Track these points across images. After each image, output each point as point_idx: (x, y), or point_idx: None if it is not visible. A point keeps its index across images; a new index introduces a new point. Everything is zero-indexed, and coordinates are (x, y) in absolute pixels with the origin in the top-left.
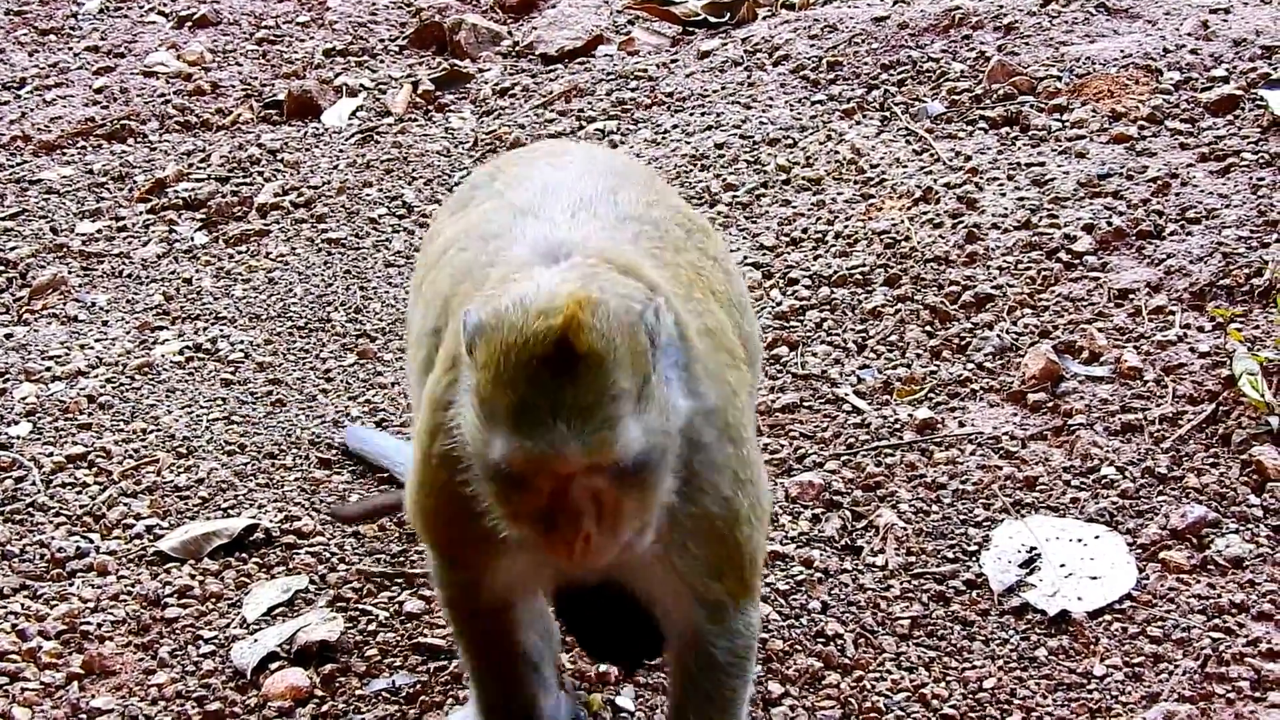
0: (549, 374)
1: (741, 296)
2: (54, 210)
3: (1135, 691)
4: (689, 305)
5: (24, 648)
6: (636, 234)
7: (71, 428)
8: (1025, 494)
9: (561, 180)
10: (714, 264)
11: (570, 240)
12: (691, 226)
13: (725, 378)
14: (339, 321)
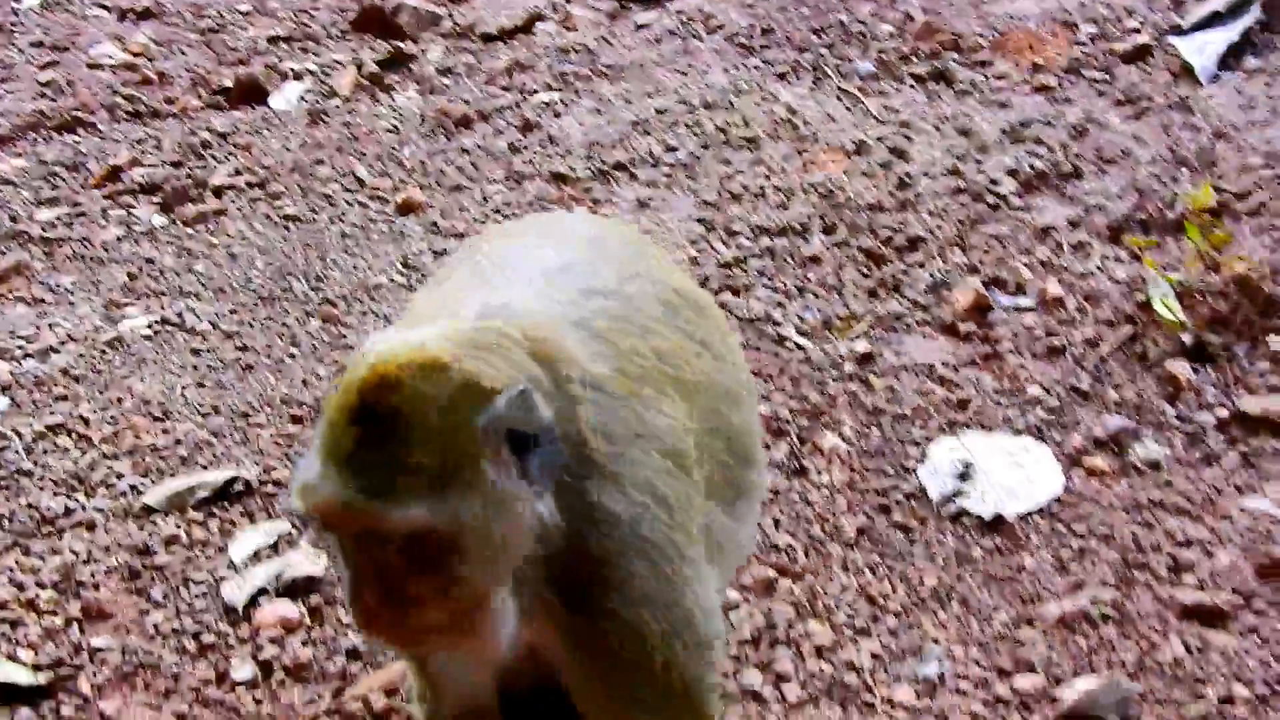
0: (348, 422)
1: (734, 386)
2: (10, 200)
3: (1063, 581)
4: (626, 402)
5: (22, 598)
6: (597, 311)
7: (48, 399)
8: (959, 414)
9: (537, 252)
10: (698, 349)
11: (505, 306)
12: (679, 305)
13: (653, 487)
14: (301, 291)
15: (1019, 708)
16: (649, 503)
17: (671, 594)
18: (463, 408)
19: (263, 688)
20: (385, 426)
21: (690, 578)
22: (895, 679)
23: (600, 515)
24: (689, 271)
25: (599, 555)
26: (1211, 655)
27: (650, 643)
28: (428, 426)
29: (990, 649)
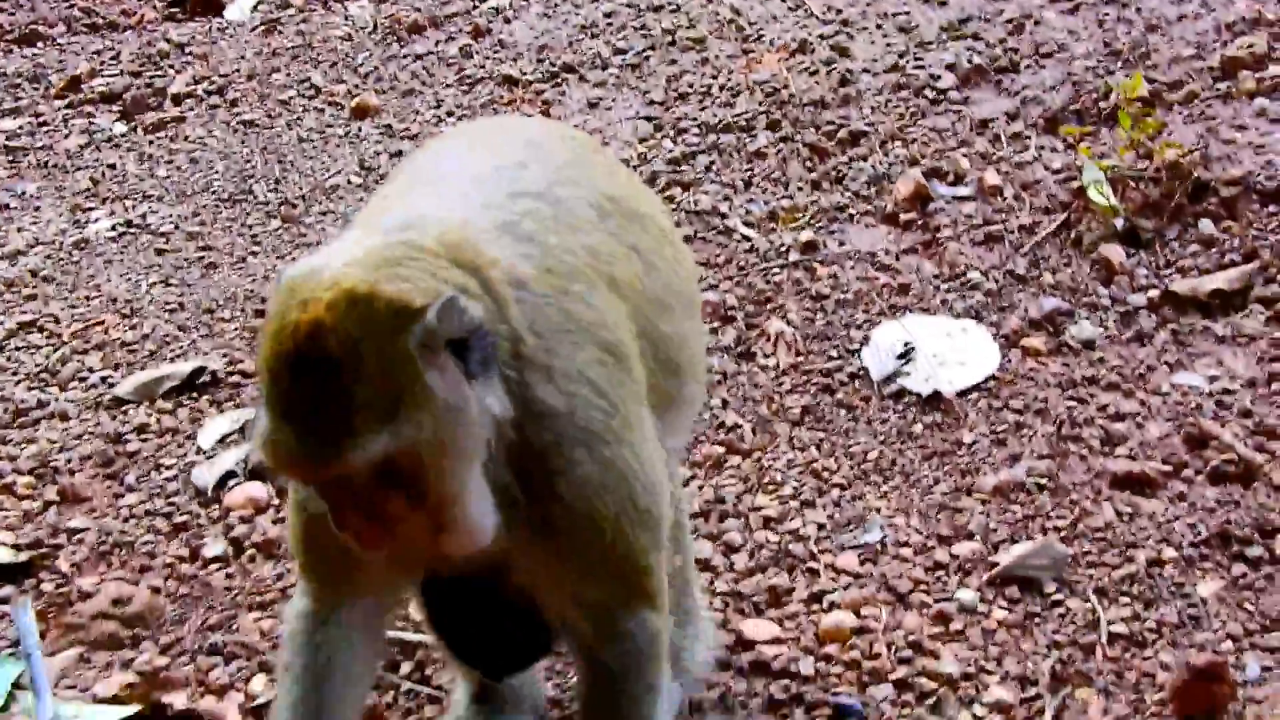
0: (288, 371)
1: (664, 295)
2: None
3: (1000, 454)
4: (554, 298)
5: (1, 484)
6: (525, 211)
7: (18, 299)
8: (900, 299)
9: (471, 156)
10: (630, 253)
11: (423, 216)
12: (612, 210)
13: (586, 376)
14: (261, 192)
15: (957, 571)
16: (583, 392)
17: (612, 476)
18: (393, 333)
19: (234, 564)
20: (323, 374)
21: (630, 458)
22: (840, 547)
23: (539, 408)
24: (638, 171)
25: (540, 447)
26: (1141, 521)
27: (597, 523)
28: (364, 362)
29: (930, 518)
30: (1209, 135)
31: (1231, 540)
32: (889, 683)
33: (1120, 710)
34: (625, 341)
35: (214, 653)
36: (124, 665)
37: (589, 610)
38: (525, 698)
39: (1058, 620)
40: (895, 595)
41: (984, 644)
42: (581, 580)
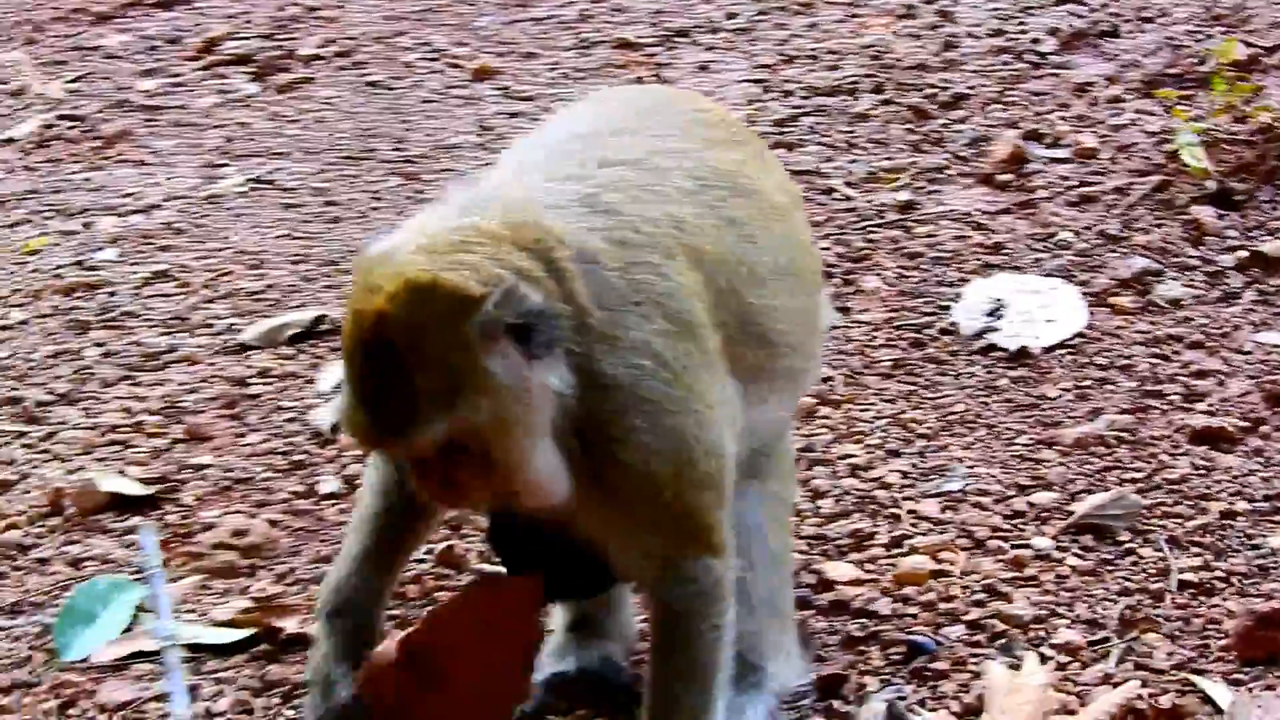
0: (359, 356)
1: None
2: (115, 72)
3: (1082, 408)
4: (624, 271)
5: (131, 422)
6: (609, 181)
7: (152, 250)
8: (992, 258)
9: (586, 123)
10: (724, 224)
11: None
12: (712, 181)
13: (652, 349)
14: (383, 151)
15: (1034, 519)
16: (647, 364)
17: (671, 443)
18: (453, 321)
19: (347, 500)
20: (388, 361)
21: (693, 425)
22: (922, 495)
23: (603, 381)
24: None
25: (603, 416)
26: (1217, 474)
27: (657, 485)
28: (424, 351)
29: (1011, 468)
30: None
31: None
32: (962, 623)
33: (1184, 654)
34: (696, 312)
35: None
36: (241, 592)
37: (653, 558)
38: (616, 630)
39: (1129, 568)
40: (973, 541)
41: (1056, 589)
42: (644, 533)
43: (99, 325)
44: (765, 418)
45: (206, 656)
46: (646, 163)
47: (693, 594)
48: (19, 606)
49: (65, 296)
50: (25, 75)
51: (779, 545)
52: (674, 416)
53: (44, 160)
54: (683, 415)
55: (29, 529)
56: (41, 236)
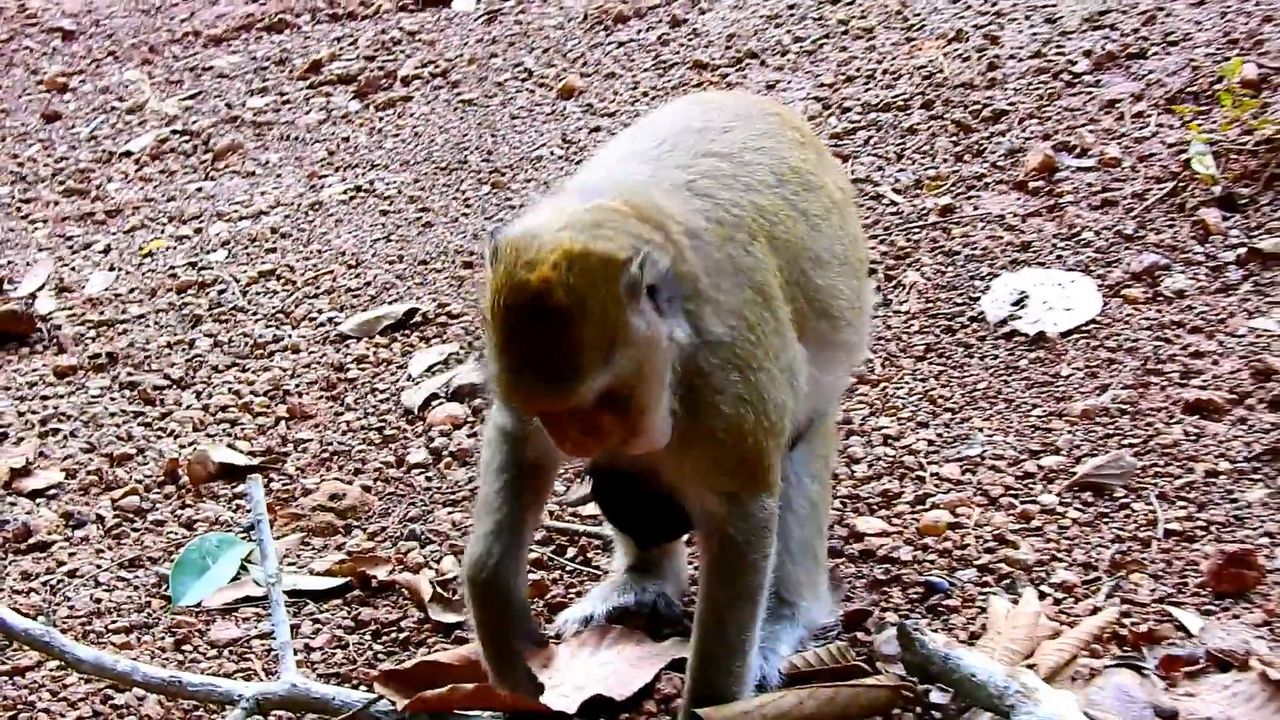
0: (523, 323)
1: (823, 252)
2: (226, 90)
3: (1091, 384)
4: (720, 245)
5: (240, 403)
6: (706, 171)
7: (260, 251)
8: (1021, 255)
9: (679, 118)
10: (798, 215)
11: (609, 182)
12: (790, 178)
13: (742, 313)
14: (474, 162)
15: (1042, 480)
16: (740, 326)
17: (756, 394)
18: (605, 283)
19: (433, 469)
20: (555, 324)
21: (768, 381)
22: (945, 460)
23: (708, 337)
24: None
25: (708, 370)
26: (1205, 440)
27: (743, 431)
28: (587, 310)
29: (1025, 436)
30: None
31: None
32: (974, 567)
33: (1165, 590)
34: (773, 285)
35: (412, 538)
36: (337, 548)
37: (723, 495)
38: (672, 572)
39: (1123, 519)
40: (988, 498)
41: (1058, 538)
42: (721, 473)
43: (210, 319)
44: (827, 381)
45: (305, 601)
46: (737, 157)
47: (751, 526)
48: (138, 561)
49: (179, 294)
50: (143, 93)
51: (818, 498)
52: (758, 373)
53: (159, 171)
54: (763, 374)
55: (146, 495)
56: (156, 240)
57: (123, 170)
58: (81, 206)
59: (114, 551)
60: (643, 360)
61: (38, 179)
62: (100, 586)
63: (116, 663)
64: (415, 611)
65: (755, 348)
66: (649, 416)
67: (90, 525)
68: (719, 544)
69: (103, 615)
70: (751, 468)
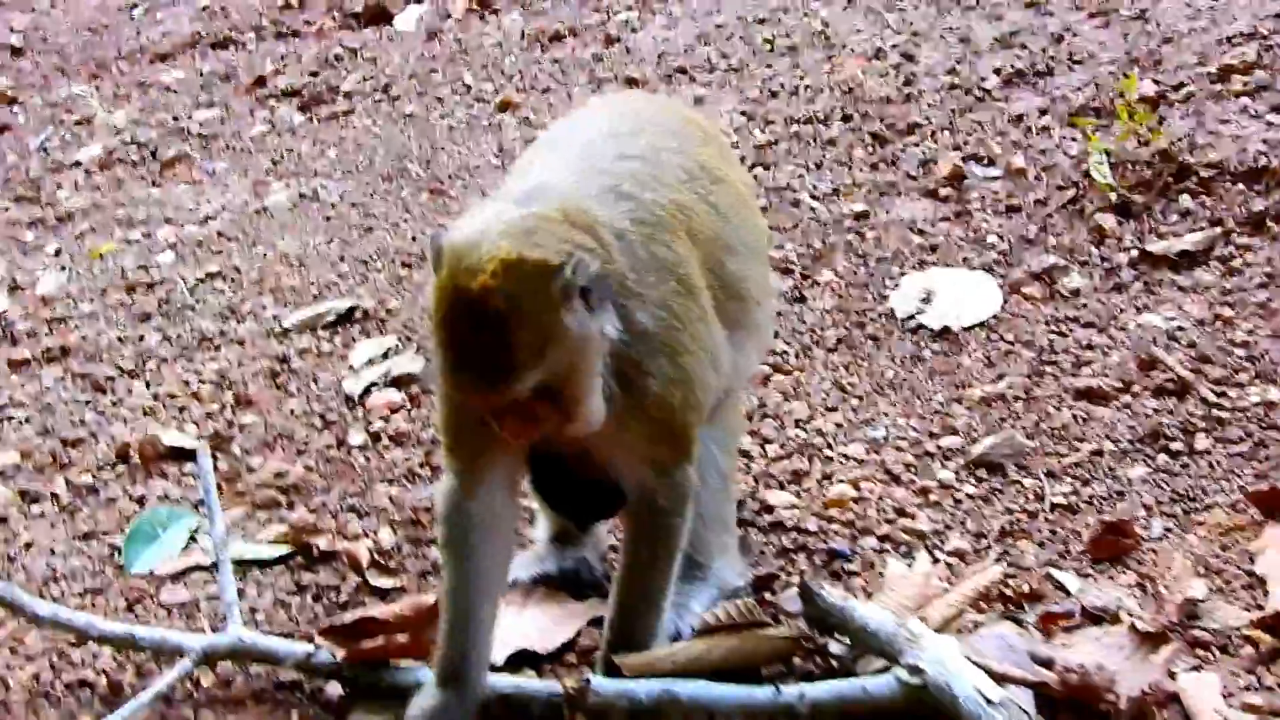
0: (464, 326)
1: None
2: (173, 104)
3: (990, 373)
4: (645, 243)
5: (189, 391)
6: (627, 173)
7: (207, 253)
8: (929, 256)
9: (591, 125)
10: (710, 209)
11: (544, 186)
12: (700, 174)
13: (668, 304)
14: (414, 171)
15: (940, 458)
16: (663, 315)
17: (684, 375)
18: (539, 287)
19: (371, 450)
20: (492, 328)
21: (694, 364)
22: (851, 441)
23: (637, 328)
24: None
25: (637, 357)
26: (1092, 424)
27: (673, 408)
28: (522, 314)
29: (926, 420)
30: (1198, 128)
31: (1160, 438)
32: (874, 536)
33: (1049, 556)
34: (695, 276)
35: (351, 511)
36: (280, 521)
37: (652, 465)
38: (592, 541)
39: (1013, 494)
40: (889, 475)
41: (953, 510)
42: (651, 445)
43: (159, 315)
44: (740, 360)
45: (251, 568)
46: (652, 159)
47: (675, 494)
48: (92, 534)
49: (129, 293)
50: (91, 107)
51: (727, 469)
52: (684, 357)
53: (108, 180)
54: (689, 357)
55: (99, 475)
56: (107, 244)
57: (73, 179)
58: (33, 213)
59: (69, 525)
60: (575, 356)
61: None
62: (56, 556)
63: (73, 618)
64: (354, 577)
65: (681, 334)
66: (581, 405)
67: (45, 502)
68: (646, 509)
69: (59, 581)
70: (678, 440)
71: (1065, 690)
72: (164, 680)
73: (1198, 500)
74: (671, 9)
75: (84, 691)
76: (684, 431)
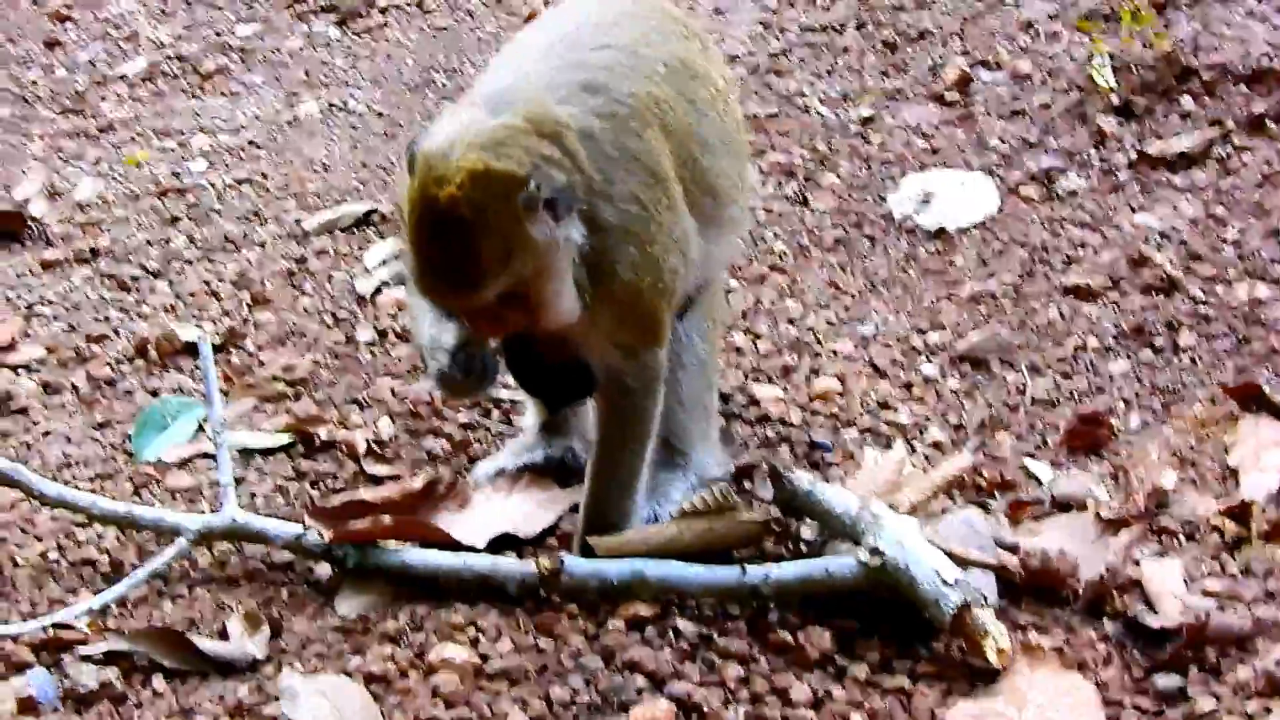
0: (433, 234)
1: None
2: (216, 20)
3: (981, 272)
4: (614, 139)
5: (208, 289)
6: (604, 63)
7: (236, 160)
8: (930, 159)
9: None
10: (687, 105)
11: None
12: (679, 69)
13: (636, 195)
14: (439, 81)
15: (925, 353)
16: (632, 209)
17: (651, 262)
18: (505, 198)
19: (378, 346)
20: (459, 236)
21: (661, 252)
22: (840, 337)
23: (603, 224)
24: (745, 60)
25: (603, 249)
26: (1078, 320)
27: (641, 293)
28: (488, 224)
29: (915, 316)
30: (1203, 30)
31: (1144, 333)
32: (856, 428)
33: (1025, 447)
34: (664, 167)
35: (353, 403)
36: (286, 413)
37: (623, 349)
38: (578, 430)
39: (996, 388)
40: (875, 370)
41: (934, 404)
42: (621, 330)
43: (187, 219)
44: (714, 251)
45: (253, 455)
46: (630, 49)
47: (645, 376)
48: (106, 424)
49: (160, 198)
50: (138, 22)
51: (706, 355)
52: (652, 246)
53: (150, 94)
54: (657, 245)
55: (117, 368)
56: (143, 152)
57: (116, 92)
58: (76, 124)
59: (85, 415)
60: (540, 264)
61: (36, 99)
62: (70, 443)
63: (78, 497)
64: (351, 465)
65: (649, 224)
66: (548, 309)
67: (66, 393)
68: (616, 391)
69: (71, 466)
70: (647, 325)
71: (1026, 574)
72: (160, 559)
73: (1177, 394)
74: None
75: (86, 569)
76: (654, 316)
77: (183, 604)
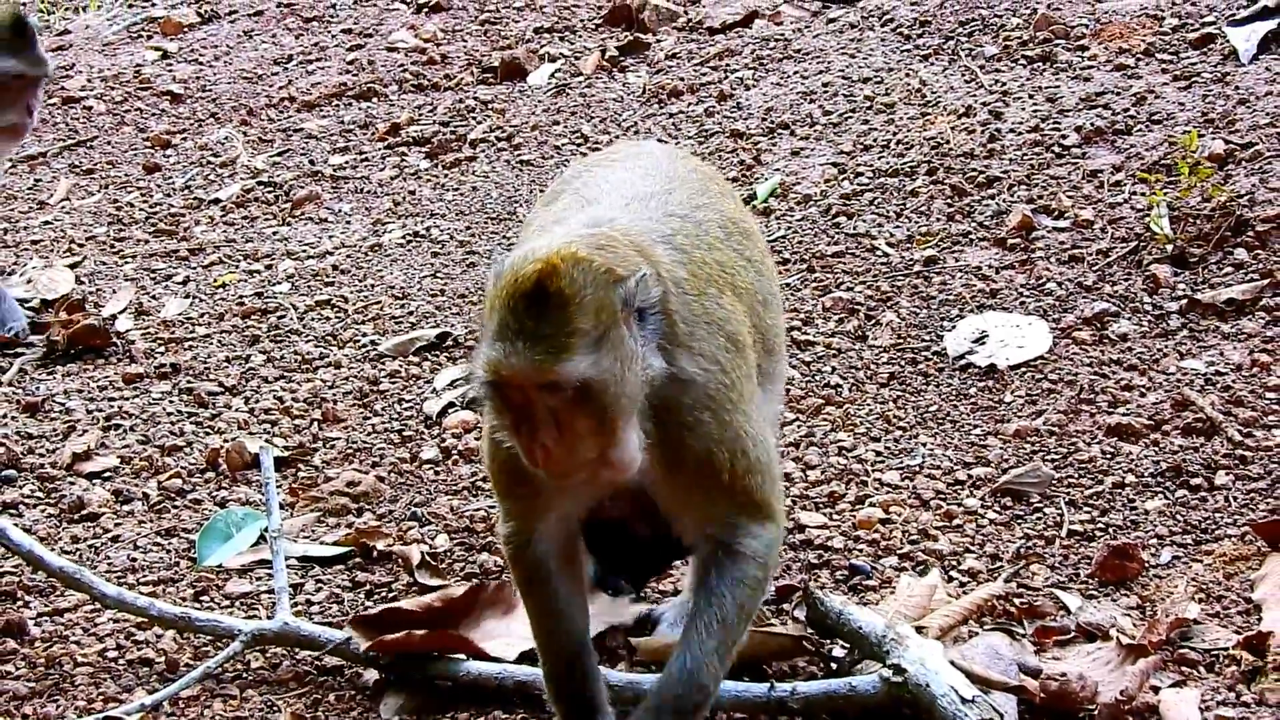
0: (523, 305)
1: (766, 294)
2: (312, 149)
3: (1029, 410)
4: (698, 298)
5: (281, 407)
6: (675, 230)
7: (320, 284)
8: (989, 300)
9: (626, 180)
10: (747, 264)
11: (609, 218)
12: (733, 230)
13: (717, 358)
14: (521, 213)
15: (969, 486)
16: (713, 370)
17: (729, 433)
18: (605, 287)
19: (441, 464)
20: (554, 304)
21: (742, 420)
22: (888, 468)
23: (682, 376)
24: (818, 202)
25: (678, 406)
26: (1118, 459)
27: (717, 465)
28: (583, 301)
29: (961, 450)
30: (1261, 185)
31: (1182, 473)
32: (895, 555)
33: (1059, 579)
34: (744, 334)
35: (413, 519)
36: (347, 526)
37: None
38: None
39: (1034, 521)
40: (919, 500)
41: (974, 534)
42: (708, 503)
43: (267, 339)
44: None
45: (313, 565)
46: (692, 216)
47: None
48: (173, 531)
49: (243, 318)
50: (236, 149)
51: None
52: (729, 413)
53: (242, 217)
54: (737, 413)
55: (188, 479)
56: (230, 274)
57: (209, 215)
58: (168, 245)
59: (154, 523)
60: (624, 368)
61: (132, 221)
62: (138, 550)
63: (136, 599)
64: (405, 576)
65: (729, 390)
66: (620, 431)
67: (136, 501)
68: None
69: (136, 571)
70: (739, 501)
71: (1046, 697)
72: (214, 660)
73: (1209, 532)
74: (785, 67)
75: (144, 668)
76: (748, 493)
77: (233, 704)
